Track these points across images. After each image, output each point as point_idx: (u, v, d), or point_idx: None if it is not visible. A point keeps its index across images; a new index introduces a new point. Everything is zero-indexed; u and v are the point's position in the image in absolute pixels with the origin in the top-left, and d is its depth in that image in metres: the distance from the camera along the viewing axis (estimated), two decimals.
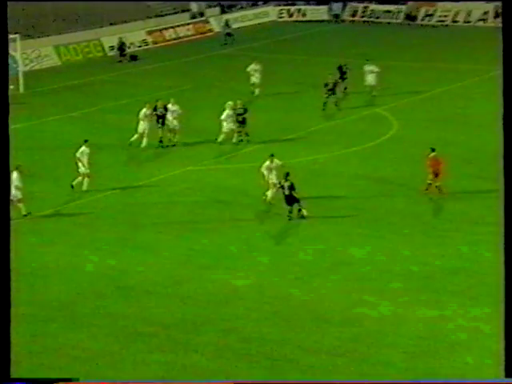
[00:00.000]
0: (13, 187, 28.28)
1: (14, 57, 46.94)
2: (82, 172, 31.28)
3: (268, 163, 29.62)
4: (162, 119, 36.34)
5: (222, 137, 36.47)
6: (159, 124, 36.34)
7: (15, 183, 28.56)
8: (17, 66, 47.18)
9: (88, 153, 31.30)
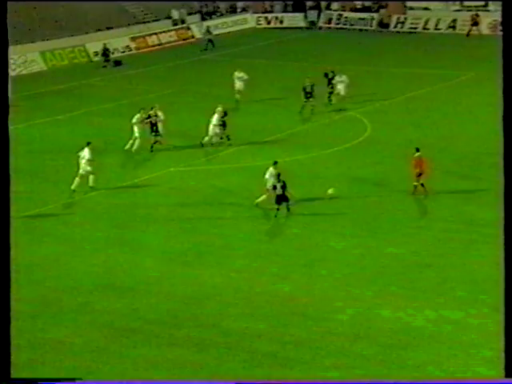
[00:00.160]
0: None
1: None
2: (81, 172, 31.15)
3: (272, 170, 29.39)
4: (156, 126, 36.18)
5: (207, 139, 36.43)
6: (153, 132, 36.15)
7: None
8: None
9: (91, 153, 31.26)
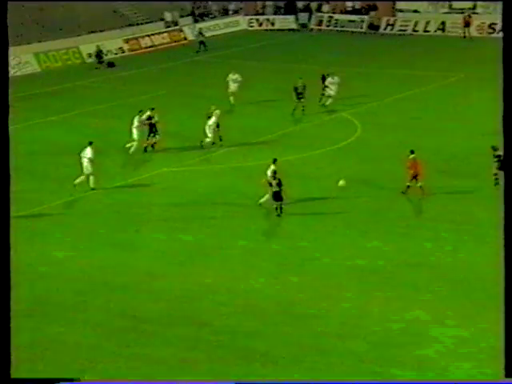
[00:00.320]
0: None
1: None
2: (86, 172, 31.05)
3: (273, 167, 29.21)
4: (155, 127, 36.01)
5: (208, 141, 36.18)
6: (152, 133, 35.98)
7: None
8: None
9: (93, 153, 31.13)
